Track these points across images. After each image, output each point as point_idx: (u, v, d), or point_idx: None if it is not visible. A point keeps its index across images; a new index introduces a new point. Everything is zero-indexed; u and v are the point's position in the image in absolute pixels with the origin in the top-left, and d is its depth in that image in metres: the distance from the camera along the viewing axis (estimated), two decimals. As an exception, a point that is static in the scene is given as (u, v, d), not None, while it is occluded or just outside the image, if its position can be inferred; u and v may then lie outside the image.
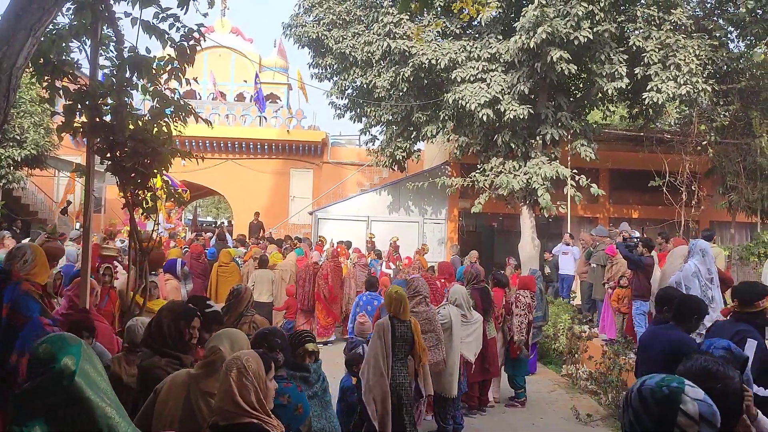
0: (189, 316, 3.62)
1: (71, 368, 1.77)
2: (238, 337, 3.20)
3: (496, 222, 20.85)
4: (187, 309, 3.70)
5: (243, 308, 5.02)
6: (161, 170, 4.87)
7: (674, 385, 1.94)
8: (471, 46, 14.83)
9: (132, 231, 4.90)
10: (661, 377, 2.01)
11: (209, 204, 49.29)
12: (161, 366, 3.39)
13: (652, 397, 1.96)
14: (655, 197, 17.08)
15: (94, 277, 6.07)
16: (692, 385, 1.96)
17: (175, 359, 3.47)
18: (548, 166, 14.67)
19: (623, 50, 13.96)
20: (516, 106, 14.03)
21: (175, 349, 3.51)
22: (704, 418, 1.89)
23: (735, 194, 16.06)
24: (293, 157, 24.30)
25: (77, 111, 4.44)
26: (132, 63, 4.43)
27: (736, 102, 15.80)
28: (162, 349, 3.51)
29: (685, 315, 4.56)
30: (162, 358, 3.47)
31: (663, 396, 1.93)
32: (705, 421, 1.90)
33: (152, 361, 3.45)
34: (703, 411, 1.90)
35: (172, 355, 3.49)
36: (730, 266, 14.13)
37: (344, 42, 16.40)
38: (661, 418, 1.93)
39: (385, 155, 18.23)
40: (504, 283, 9.17)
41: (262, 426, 2.62)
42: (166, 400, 3.00)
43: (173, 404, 2.97)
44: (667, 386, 1.95)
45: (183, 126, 5.03)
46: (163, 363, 3.42)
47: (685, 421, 1.89)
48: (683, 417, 1.90)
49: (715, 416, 1.91)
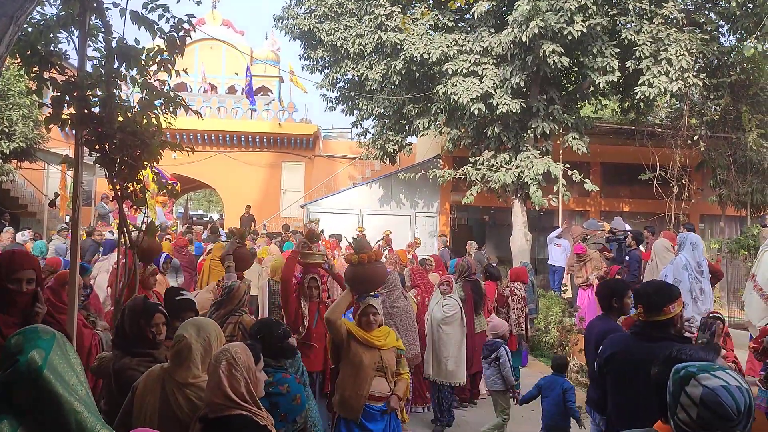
0: (148, 314, 3.54)
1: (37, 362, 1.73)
2: (206, 324, 3.14)
3: (488, 215, 20.88)
4: (147, 307, 3.60)
5: (234, 306, 4.97)
6: (151, 162, 4.83)
7: (692, 369, 2.06)
8: (463, 40, 14.80)
9: (121, 224, 4.86)
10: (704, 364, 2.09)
11: (200, 197, 49.15)
12: (133, 367, 3.33)
13: (673, 376, 2.11)
14: (646, 191, 17.14)
15: (299, 293, 5.94)
16: (716, 375, 2.02)
17: (147, 357, 3.42)
18: (540, 162, 14.69)
19: (615, 44, 13.98)
20: (508, 100, 14.02)
21: (143, 347, 3.46)
22: (705, 404, 1.97)
23: (725, 188, 16.14)
24: (285, 150, 24.24)
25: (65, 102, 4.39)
26: (120, 54, 4.38)
27: (726, 96, 15.87)
28: (132, 349, 3.46)
29: (604, 302, 4.63)
30: (133, 358, 3.41)
31: (678, 376, 2.08)
32: (706, 406, 1.97)
33: (124, 363, 3.40)
34: (706, 396, 1.98)
35: (144, 353, 3.43)
36: (719, 259, 14.21)
37: (336, 34, 16.35)
38: (673, 394, 2.09)
39: (377, 148, 18.21)
40: (496, 276, 9.18)
41: (252, 417, 2.62)
42: (143, 397, 2.98)
43: (151, 399, 2.95)
44: (686, 369, 2.08)
45: (173, 118, 4.98)
46: (135, 363, 3.37)
47: (686, 401, 2.02)
48: (685, 397, 2.03)
49: (721, 406, 1.96)
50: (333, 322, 4.40)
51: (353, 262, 4.55)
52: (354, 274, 4.57)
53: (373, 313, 4.48)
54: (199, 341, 2.99)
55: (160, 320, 3.59)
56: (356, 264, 4.54)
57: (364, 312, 4.49)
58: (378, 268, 4.64)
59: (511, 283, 8.84)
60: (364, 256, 4.52)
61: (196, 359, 2.96)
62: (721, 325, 4.99)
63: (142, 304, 3.64)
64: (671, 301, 3.46)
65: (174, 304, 4.04)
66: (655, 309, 3.46)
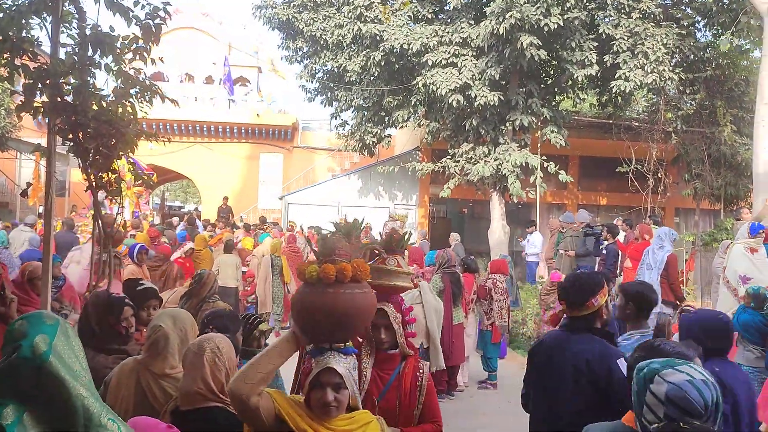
0: (116, 308, 3.45)
1: (42, 348, 1.72)
2: (180, 314, 3.10)
3: (466, 208, 20.96)
4: (113, 301, 3.50)
5: (205, 294, 4.94)
6: (126, 152, 4.76)
7: (656, 366, 1.98)
8: (443, 31, 14.80)
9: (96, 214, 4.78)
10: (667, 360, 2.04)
11: (177, 188, 48.67)
12: (109, 365, 3.21)
13: (636, 374, 2.03)
14: (623, 184, 17.33)
15: None
16: (680, 370, 1.94)
17: (122, 353, 3.33)
18: (518, 153, 14.76)
19: (593, 38, 14.07)
20: (487, 92, 14.05)
21: (116, 344, 3.38)
22: (671, 401, 1.89)
23: (699, 182, 16.37)
24: (263, 141, 24.07)
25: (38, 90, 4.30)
26: (95, 41, 4.29)
27: (701, 91, 16.08)
28: (104, 346, 3.36)
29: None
30: (108, 356, 3.32)
31: (642, 374, 2.00)
32: (672, 403, 1.89)
33: (98, 361, 3.28)
34: (671, 393, 1.89)
35: (117, 350, 3.35)
36: (694, 252, 14.43)
37: (315, 25, 16.23)
38: (638, 395, 2.01)
39: (355, 140, 18.14)
40: (474, 269, 9.22)
41: (227, 409, 2.56)
42: (117, 391, 2.90)
43: (125, 393, 2.88)
44: (649, 366, 2.01)
45: (149, 106, 4.91)
46: (111, 361, 3.27)
47: (652, 400, 1.93)
48: (650, 396, 1.94)
49: (688, 402, 1.88)
50: (243, 400, 2.18)
51: (308, 279, 2.41)
52: (304, 302, 2.39)
53: (334, 386, 2.28)
54: (176, 331, 2.94)
55: (129, 313, 3.52)
56: (313, 282, 2.39)
57: (318, 381, 2.29)
58: (356, 295, 2.39)
59: (492, 275, 8.88)
60: (332, 268, 2.36)
61: (173, 349, 2.91)
62: (670, 319, 4.84)
63: (106, 298, 3.53)
64: (593, 294, 3.23)
65: (137, 293, 3.93)
66: (576, 304, 3.26)
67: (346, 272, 2.36)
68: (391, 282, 3.25)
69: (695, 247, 14.81)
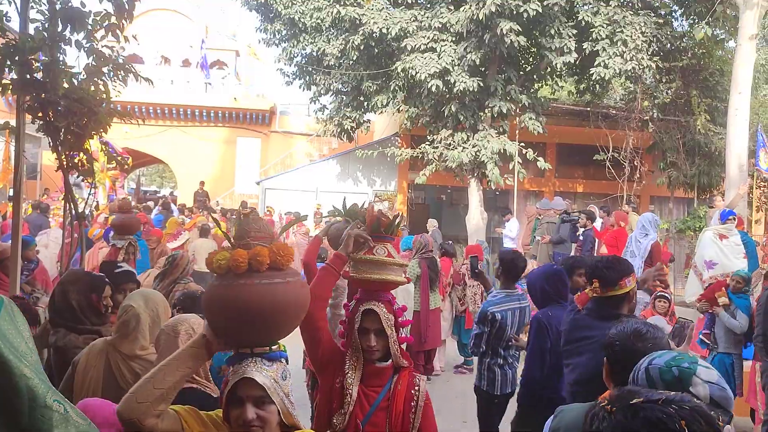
0: (98, 287, 3.38)
1: None
2: (153, 295, 3.05)
3: (445, 194, 20.99)
4: (95, 279, 3.44)
5: (178, 275, 4.90)
6: (99, 132, 4.67)
7: (685, 366, 1.81)
8: (422, 16, 14.73)
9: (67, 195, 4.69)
10: (671, 356, 1.87)
11: (153, 173, 48.05)
12: (80, 345, 3.13)
13: (660, 378, 1.81)
14: (600, 172, 17.46)
15: None
16: (707, 366, 1.83)
17: (95, 334, 3.24)
18: (496, 140, 14.80)
19: (572, 25, 14.10)
20: (466, 78, 14.04)
21: (91, 324, 3.29)
22: (715, 402, 1.75)
23: (674, 170, 16.56)
24: (240, 125, 23.82)
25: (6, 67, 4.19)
26: (65, 16, 4.19)
27: (677, 80, 16.22)
28: (77, 326, 3.26)
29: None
30: (79, 335, 3.23)
31: (673, 378, 1.79)
32: (716, 405, 1.74)
33: (69, 340, 3.21)
34: (714, 394, 1.77)
35: (90, 331, 3.26)
36: (668, 239, 14.62)
37: (293, 7, 16.02)
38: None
39: (334, 125, 18.03)
40: (451, 253, 9.26)
41: (201, 390, 2.54)
42: (85, 371, 2.84)
43: (94, 374, 2.82)
44: (678, 367, 1.81)
45: (122, 86, 4.81)
46: (81, 341, 3.18)
47: None
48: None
49: (728, 400, 1.78)
50: (134, 423, 1.81)
51: (215, 269, 1.97)
52: (212, 298, 1.96)
53: (255, 400, 1.85)
54: (148, 312, 2.89)
55: (109, 293, 3.45)
56: (222, 273, 1.96)
57: (236, 396, 1.87)
58: (276, 287, 1.93)
59: (466, 261, 8.91)
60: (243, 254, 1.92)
61: (144, 330, 2.86)
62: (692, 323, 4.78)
63: (87, 277, 3.47)
64: (627, 275, 3.29)
65: (114, 276, 3.85)
66: (611, 283, 3.27)
67: (261, 258, 1.90)
68: (382, 276, 2.62)
69: (669, 235, 15.01)
